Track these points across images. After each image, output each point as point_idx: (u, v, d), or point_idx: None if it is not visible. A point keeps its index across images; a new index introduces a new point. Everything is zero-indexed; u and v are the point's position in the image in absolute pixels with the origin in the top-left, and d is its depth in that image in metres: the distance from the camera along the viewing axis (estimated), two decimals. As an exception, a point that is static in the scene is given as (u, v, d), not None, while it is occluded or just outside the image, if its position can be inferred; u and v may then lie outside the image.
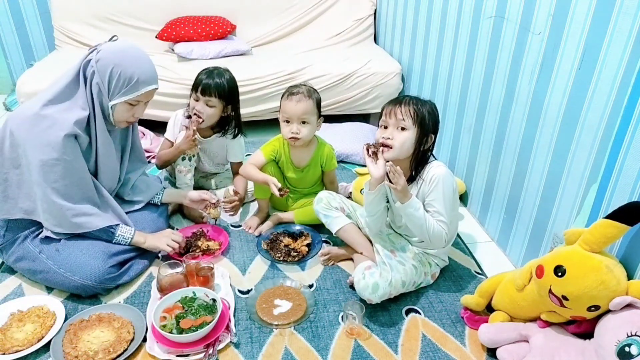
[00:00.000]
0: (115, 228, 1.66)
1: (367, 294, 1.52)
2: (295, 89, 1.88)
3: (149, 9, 3.18)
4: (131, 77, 1.52)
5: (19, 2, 3.23)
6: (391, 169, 1.47)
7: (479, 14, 2.03)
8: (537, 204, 1.73)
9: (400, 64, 2.93)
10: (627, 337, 1.14)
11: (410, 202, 1.51)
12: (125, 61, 1.52)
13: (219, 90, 1.96)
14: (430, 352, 1.46)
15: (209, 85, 1.95)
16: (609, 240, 1.24)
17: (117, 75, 1.51)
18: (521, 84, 1.77)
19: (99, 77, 1.52)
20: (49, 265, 1.59)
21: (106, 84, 1.53)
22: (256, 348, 1.46)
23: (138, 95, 1.56)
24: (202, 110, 1.97)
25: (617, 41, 1.33)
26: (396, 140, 1.54)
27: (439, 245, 1.59)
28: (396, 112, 1.54)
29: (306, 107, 1.85)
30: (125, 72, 1.51)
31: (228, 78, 2.00)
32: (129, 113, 1.61)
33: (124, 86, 1.53)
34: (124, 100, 1.56)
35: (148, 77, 1.57)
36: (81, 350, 1.38)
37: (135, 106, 1.61)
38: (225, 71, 2.02)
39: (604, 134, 1.40)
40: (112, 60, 1.51)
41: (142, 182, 1.90)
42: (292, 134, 1.86)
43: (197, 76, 2.01)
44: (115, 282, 1.64)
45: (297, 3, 3.36)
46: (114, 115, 1.59)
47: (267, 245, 1.89)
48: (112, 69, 1.51)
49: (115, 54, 1.52)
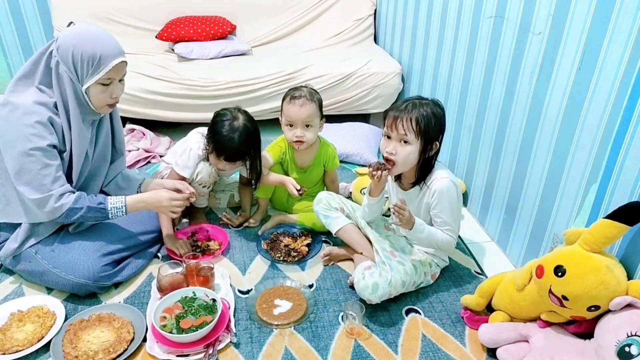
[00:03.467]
0: (104, 203, 1.58)
1: (367, 294, 1.52)
2: (297, 93, 1.86)
3: (149, 9, 3.18)
4: (94, 55, 1.47)
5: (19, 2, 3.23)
6: (394, 209, 1.48)
7: (479, 14, 2.03)
8: (537, 204, 1.73)
9: (400, 64, 2.93)
10: (627, 337, 1.14)
11: (415, 228, 1.54)
12: (84, 41, 1.47)
13: (243, 155, 1.82)
14: (430, 352, 1.46)
15: (234, 155, 1.79)
16: (609, 240, 1.24)
17: (79, 57, 1.46)
18: (521, 84, 1.77)
19: (64, 64, 1.48)
20: (45, 265, 1.59)
21: (72, 69, 1.48)
22: (256, 348, 1.46)
23: (107, 72, 1.50)
24: (225, 168, 1.85)
25: (617, 41, 1.33)
26: (399, 156, 1.53)
27: (449, 250, 1.63)
28: (398, 125, 1.51)
29: (310, 111, 1.84)
30: (86, 52, 1.46)
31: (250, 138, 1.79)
32: (105, 94, 1.54)
33: (90, 66, 1.48)
34: (95, 81, 1.50)
35: (111, 51, 1.50)
36: (81, 350, 1.38)
37: (110, 85, 1.54)
38: (245, 127, 1.77)
39: (604, 134, 1.40)
40: (70, 43, 1.46)
41: (123, 176, 1.86)
42: (297, 137, 1.86)
43: (216, 135, 1.77)
44: (110, 280, 1.64)
45: (297, 3, 3.35)
46: (92, 100, 1.54)
47: (267, 245, 1.89)
48: (73, 51, 1.46)
49: (73, 37, 1.48)
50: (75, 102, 1.53)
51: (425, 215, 1.64)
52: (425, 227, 1.56)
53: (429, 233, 1.57)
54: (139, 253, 1.78)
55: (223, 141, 1.76)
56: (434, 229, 1.59)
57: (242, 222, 2.06)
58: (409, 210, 1.50)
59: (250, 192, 2.10)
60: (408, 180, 1.65)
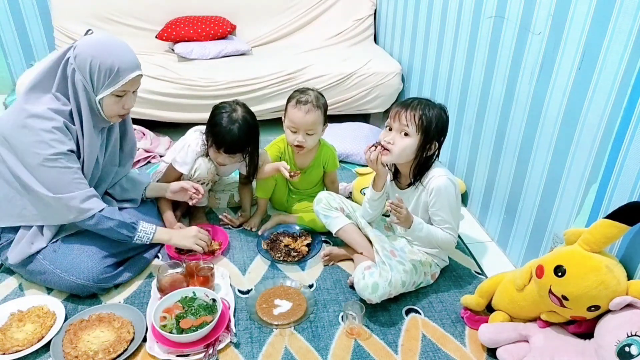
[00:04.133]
0: (137, 224, 1.63)
1: (366, 294, 1.52)
2: (303, 97, 1.82)
3: (149, 9, 3.18)
4: (112, 67, 1.48)
5: (19, 2, 3.23)
6: (391, 206, 1.48)
7: (479, 14, 2.03)
8: (537, 204, 1.73)
9: (400, 64, 2.93)
10: (627, 337, 1.14)
11: (414, 227, 1.54)
12: (103, 52, 1.47)
13: (243, 147, 1.83)
14: (430, 352, 1.46)
15: (234, 147, 1.80)
16: (609, 240, 1.24)
17: (97, 68, 1.47)
18: (521, 84, 1.77)
19: (80, 73, 1.49)
20: (46, 266, 1.58)
21: (88, 79, 1.49)
22: (256, 348, 1.46)
23: (123, 85, 1.51)
24: (224, 162, 1.86)
25: (617, 41, 1.33)
26: (396, 146, 1.53)
27: (450, 249, 1.63)
28: (401, 116, 1.52)
29: (315, 119, 1.82)
30: (105, 63, 1.47)
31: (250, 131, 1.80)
32: (118, 105, 1.56)
33: (107, 78, 1.49)
34: (110, 93, 1.51)
35: (129, 65, 1.51)
36: (81, 350, 1.38)
37: (123, 97, 1.56)
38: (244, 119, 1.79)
39: (604, 134, 1.40)
40: (89, 53, 1.47)
41: (128, 179, 1.87)
42: (298, 142, 1.86)
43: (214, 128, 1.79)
44: (111, 282, 1.64)
45: (297, 3, 3.35)
46: (104, 110, 1.55)
47: (267, 245, 1.89)
48: (91, 62, 1.47)
49: (92, 46, 1.48)
50: (88, 110, 1.54)
51: (423, 214, 1.64)
52: (424, 225, 1.56)
53: (428, 232, 1.57)
54: (140, 254, 1.78)
55: (222, 133, 1.77)
56: (433, 228, 1.59)
57: (242, 222, 2.06)
58: (406, 208, 1.51)
59: (251, 192, 2.10)
60: (405, 179, 1.65)
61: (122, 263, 1.70)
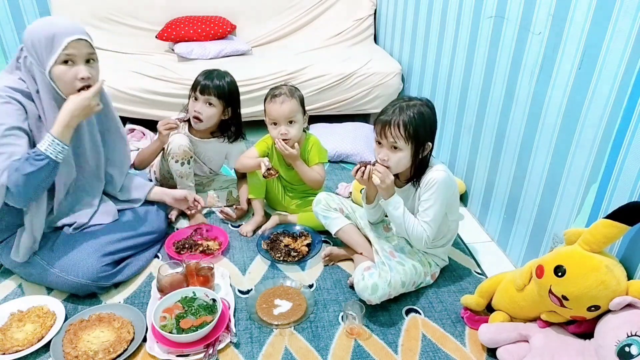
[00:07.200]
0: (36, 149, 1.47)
1: (366, 294, 1.52)
2: (276, 91, 1.89)
3: (149, 9, 3.18)
4: (48, 35, 1.47)
5: (19, 2, 3.23)
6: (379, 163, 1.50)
7: (479, 14, 2.03)
8: (537, 204, 1.73)
9: (400, 64, 2.93)
10: (627, 337, 1.14)
11: (390, 200, 1.54)
12: (40, 26, 1.50)
13: (219, 90, 1.95)
14: (430, 352, 1.46)
15: (209, 84, 1.95)
16: (609, 240, 1.24)
17: (37, 41, 1.47)
18: (521, 84, 1.77)
19: (29, 55, 1.50)
20: (44, 265, 1.59)
21: (35, 56, 1.49)
22: (256, 348, 1.46)
23: (64, 48, 1.48)
24: (201, 110, 1.96)
25: (617, 41, 1.33)
26: (391, 161, 1.53)
27: (419, 246, 1.61)
28: (386, 134, 1.51)
29: (291, 107, 1.86)
30: (42, 34, 1.47)
31: (229, 80, 2.00)
32: (69, 75, 1.51)
33: (47, 46, 1.47)
34: (54, 60, 1.48)
35: (67, 30, 1.49)
36: (81, 350, 1.38)
37: (74, 66, 1.52)
38: (226, 73, 2.02)
39: (604, 134, 1.40)
40: (29, 32, 1.50)
41: (131, 180, 1.88)
42: (281, 135, 1.87)
43: (197, 77, 2.00)
44: (110, 281, 1.63)
45: (297, 3, 3.36)
46: (58, 85, 1.52)
47: (267, 245, 1.89)
48: (32, 38, 1.48)
49: (31, 27, 1.51)
50: (48, 93, 1.52)
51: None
52: (402, 206, 1.55)
53: (404, 214, 1.55)
54: (139, 253, 1.78)
55: (199, 77, 1.98)
56: (411, 216, 1.57)
57: (240, 215, 2.07)
58: (392, 179, 1.51)
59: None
60: (403, 176, 1.65)
61: (120, 262, 1.70)
